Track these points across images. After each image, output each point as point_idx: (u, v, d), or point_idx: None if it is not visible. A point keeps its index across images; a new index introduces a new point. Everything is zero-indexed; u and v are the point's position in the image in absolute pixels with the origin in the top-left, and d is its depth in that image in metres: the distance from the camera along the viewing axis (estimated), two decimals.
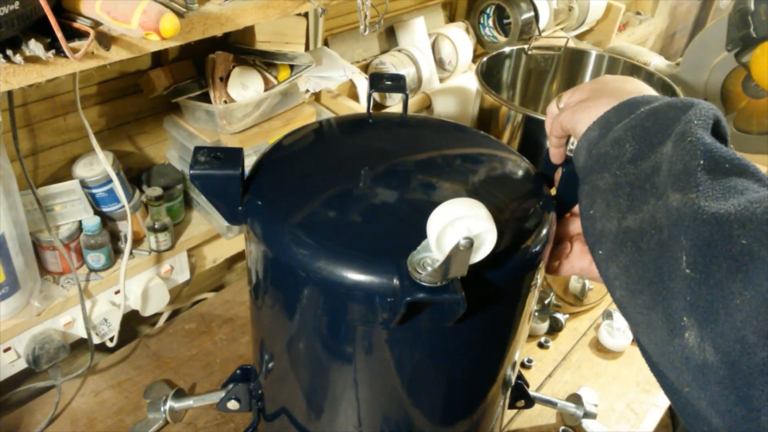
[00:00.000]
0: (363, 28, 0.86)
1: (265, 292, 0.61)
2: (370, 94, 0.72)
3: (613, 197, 0.46)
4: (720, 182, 0.40)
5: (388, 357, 0.56)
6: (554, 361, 1.04)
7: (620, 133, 0.48)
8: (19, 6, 0.52)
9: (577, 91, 0.57)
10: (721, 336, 0.36)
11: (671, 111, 0.46)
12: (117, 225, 0.93)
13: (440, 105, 1.32)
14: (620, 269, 0.44)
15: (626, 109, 0.50)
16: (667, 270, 0.40)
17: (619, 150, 0.47)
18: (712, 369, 0.36)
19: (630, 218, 0.44)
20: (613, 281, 0.45)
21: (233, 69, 0.93)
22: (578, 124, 0.54)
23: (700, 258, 0.38)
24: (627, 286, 0.43)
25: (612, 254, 0.45)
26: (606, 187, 0.48)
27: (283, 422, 0.69)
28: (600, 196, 0.48)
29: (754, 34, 1.26)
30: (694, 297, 0.38)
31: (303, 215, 0.56)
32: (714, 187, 0.40)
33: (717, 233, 0.37)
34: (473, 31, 1.48)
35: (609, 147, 0.48)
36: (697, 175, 0.41)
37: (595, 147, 0.50)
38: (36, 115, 0.85)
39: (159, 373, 0.97)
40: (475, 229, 0.47)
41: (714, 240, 0.37)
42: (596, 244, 0.48)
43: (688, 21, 2.61)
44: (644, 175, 0.45)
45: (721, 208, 0.38)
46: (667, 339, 0.40)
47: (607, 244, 0.46)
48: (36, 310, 0.83)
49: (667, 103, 0.48)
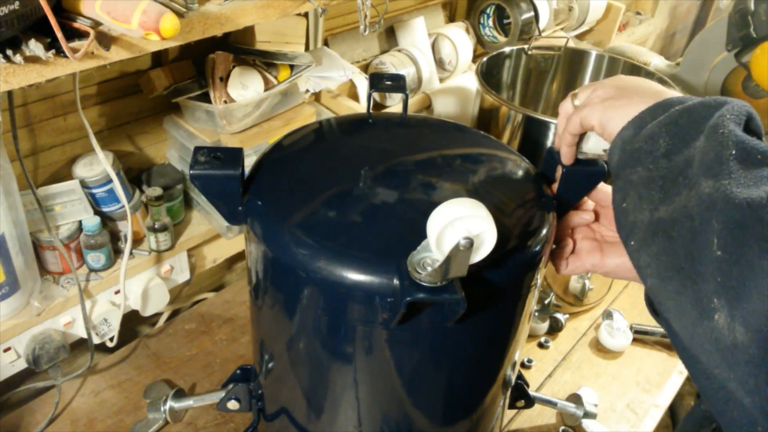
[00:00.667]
0: (363, 28, 0.86)
1: (265, 292, 0.61)
2: (370, 94, 0.72)
3: (646, 190, 0.47)
4: (752, 171, 0.41)
5: (388, 357, 0.56)
6: (554, 361, 1.04)
7: (654, 129, 0.49)
8: (19, 6, 0.52)
9: (599, 88, 0.57)
10: (752, 314, 0.36)
11: (704, 109, 0.47)
12: (117, 225, 0.93)
13: (440, 105, 1.32)
14: (651, 257, 0.45)
15: (660, 108, 0.50)
16: (698, 254, 0.40)
17: (653, 145, 0.48)
18: (742, 348, 0.37)
19: (662, 209, 0.45)
20: (645, 269, 0.46)
21: (233, 69, 0.93)
22: (610, 122, 0.54)
23: (731, 240, 0.38)
24: (658, 274, 0.44)
25: (644, 244, 0.46)
26: (639, 180, 0.48)
27: (283, 422, 0.69)
28: (633, 189, 0.48)
29: (754, 34, 1.26)
30: (724, 278, 0.38)
31: (303, 215, 0.56)
32: (746, 176, 0.40)
33: (749, 216, 0.38)
34: (473, 31, 1.48)
35: (643, 143, 0.49)
36: (729, 164, 0.41)
37: (629, 144, 0.51)
38: (36, 115, 0.85)
39: (159, 373, 0.97)
40: (475, 229, 0.47)
41: (746, 222, 0.38)
42: (629, 236, 0.48)
43: (688, 21, 2.61)
44: (677, 168, 0.46)
45: (753, 193, 0.39)
46: (697, 322, 0.40)
47: (639, 234, 0.46)
48: (36, 310, 0.83)
49: (701, 102, 0.48)
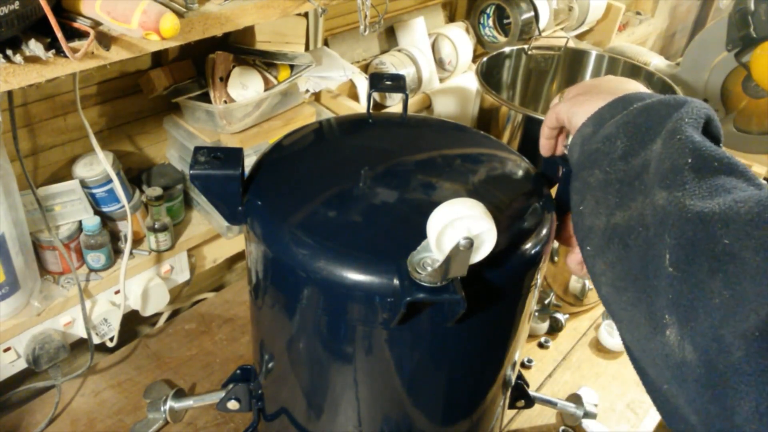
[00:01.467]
0: (363, 28, 0.86)
1: (265, 292, 0.61)
2: (370, 94, 0.72)
3: (603, 194, 0.46)
4: (707, 181, 0.40)
5: (388, 357, 0.56)
6: (554, 361, 1.04)
7: (612, 130, 0.48)
8: (19, 6, 0.52)
9: (577, 86, 0.58)
10: (700, 334, 0.36)
11: (663, 108, 0.46)
12: (117, 225, 0.93)
13: (440, 105, 1.32)
14: (607, 265, 0.44)
15: (620, 105, 0.50)
16: (652, 268, 0.40)
17: (610, 146, 0.47)
18: (690, 367, 0.37)
19: (618, 215, 0.44)
20: (600, 277, 0.45)
21: (233, 69, 0.93)
22: (574, 117, 0.54)
23: (683, 257, 0.38)
24: (612, 283, 0.44)
25: (599, 250, 0.45)
26: (596, 183, 0.47)
27: (283, 422, 0.69)
28: (590, 193, 0.48)
29: (754, 34, 1.26)
30: (675, 295, 0.38)
31: (303, 215, 0.56)
32: (700, 186, 0.40)
33: (700, 232, 0.38)
34: (473, 31, 1.48)
35: (600, 143, 0.48)
36: (684, 174, 0.41)
37: (588, 143, 0.50)
38: (36, 115, 0.85)
39: (159, 373, 0.97)
40: (475, 229, 0.47)
41: (697, 239, 0.38)
42: (584, 240, 0.48)
43: (688, 21, 2.61)
44: (634, 172, 0.45)
45: (706, 206, 0.38)
46: (649, 336, 0.40)
47: (595, 240, 0.46)
48: (36, 310, 0.83)
49: (660, 101, 0.47)
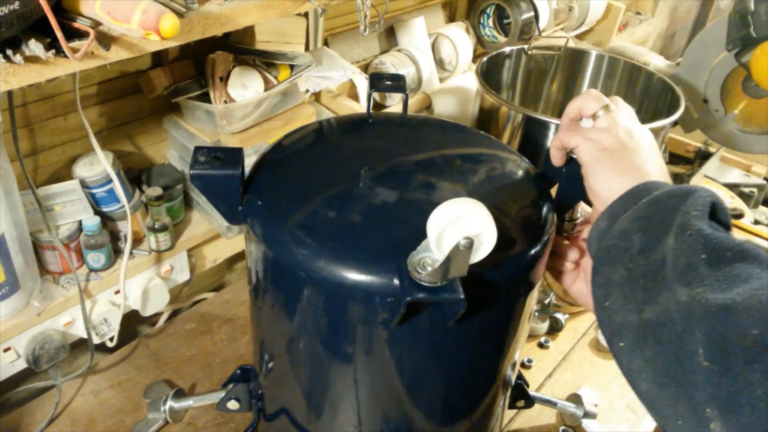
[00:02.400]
0: (363, 28, 0.86)
1: (265, 292, 0.61)
2: (370, 94, 0.72)
3: (630, 290, 0.47)
4: (723, 272, 0.41)
5: (388, 357, 0.56)
6: (554, 361, 1.04)
7: (626, 225, 0.50)
8: (19, 6, 0.52)
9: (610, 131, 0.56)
10: (746, 427, 0.37)
11: (671, 200, 0.48)
12: (117, 225, 0.93)
13: (440, 105, 1.32)
14: (645, 362, 0.45)
15: (631, 199, 0.51)
16: (688, 362, 0.41)
17: (627, 243, 0.49)
18: None
19: (648, 310, 0.45)
20: (639, 374, 0.45)
21: (233, 69, 0.93)
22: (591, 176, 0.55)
23: (716, 351, 0.39)
24: (654, 379, 0.44)
25: (635, 346, 0.46)
26: (621, 280, 0.48)
27: (283, 422, 0.69)
28: (616, 290, 0.49)
29: (754, 34, 1.26)
30: (714, 389, 0.39)
31: (303, 215, 0.56)
32: (718, 278, 0.41)
33: (728, 325, 0.39)
34: (473, 31, 1.48)
35: (617, 239, 0.50)
36: (701, 270, 0.42)
37: (604, 239, 0.51)
38: (36, 115, 0.85)
39: (159, 373, 0.97)
40: (475, 229, 0.47)
41: (726, 332, 0.39)
42: (615, 336, 0.48)
43: (688, 21, 2.61)
44: (655, 267, 0.46)
45: (727, 298, 0.39)
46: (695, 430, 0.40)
47: (630, 336, 0.46)
48: (36, 310, 0.83)
49: (667, 192, 0.49)
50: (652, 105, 1.21)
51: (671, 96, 1.14)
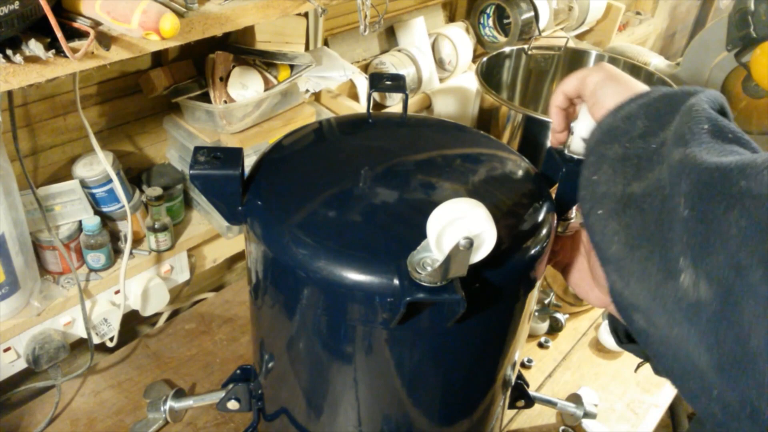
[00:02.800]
0: (363, 28, 0.86)
1: (265, 292, 0.61)
2: (370, 94, 0.72)
3: (621, 165, 0.47)
4: (722, 145, 0.41)
5: (387, 357, 0.56)
6: (554, 361, 1.04)
7: (633, 109, 0.49)
8: (19, 6, 0.52)
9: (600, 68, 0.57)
10: (716, 267, 0.37)
11: (683, 94, 0.48)
12: (117, 225, 0.93)
13: (440, 105, 1.32)
14: (621, 226, 0.45)
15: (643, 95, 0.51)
16: (668, 220, 0.41)
17: (630, 125, 0.48)
18: (705, 304, 0.37)
19: (635, 185, 0.45)
20: (611, 237, 0.45)
21: (233, 69, 0.93)
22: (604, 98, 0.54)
23: (698, 198, 0.39)
24: (626, 241, 0.44)
25: (614, 213, 0.46)
26: (614, 156, 0.48)
27: (283, 422, 0.69)
28: (607, 163, 0.48)
29: (754, 34, 1.26)
30: (690, 236, 0.38)
31: (303, 215, 0.56)
32: (716, 147, 0.41)
33: (717, 176, 0.38)
34: (473, 31, 1.48)
35: (621, 122, 0.49)
36: (702, 135, 0.42)
37: (607, 122, 0.51)
38: (36, 115, 0.85)
39: (159, 373, 0.97)
40: (475, 229, 0.47)
41: (713, 182, 0.38)
42: (596, 206, 0.48)
43: (688, 21, 2.61)
44: (652, 149, 0.46)
45: (722, 160, 0.39)
46: (662, 282, 0.40)
47: (610, 204, 0.46)
48: (36, 310, 0.83)
49: (681, 89, 0.49)
50: None
51: None
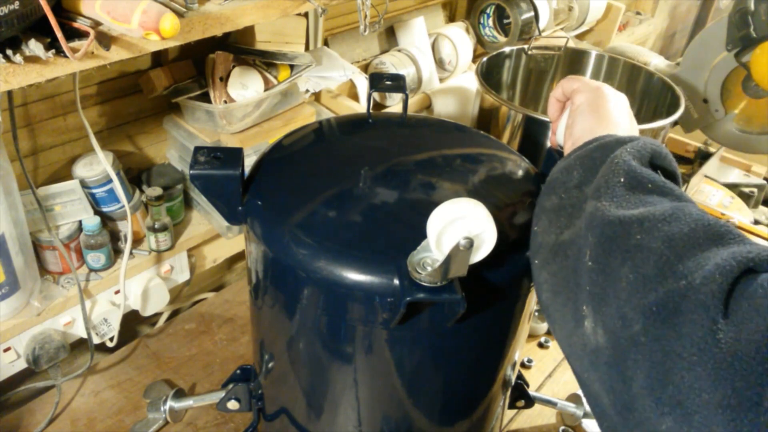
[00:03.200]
0: (363, 28, 0.86)
1: (265, 292, 0.61)
2: (370, 94, 0.72)
3: (555, 216, 0.50)
4: (637, 197, 0.44)
5: (388, 357, 0.56)
6: (554, 361, 1.04)
7: (571, 161, 0.52)
8: (19, 6, 0.52)
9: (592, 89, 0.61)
10: (608, 316, 0.39)
11: (616, 144, 0.50)
12: (117, 225, 0.93)
13: (440, 105, 1.32)
14: (549, 274, 0.48)
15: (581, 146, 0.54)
16: (579, 269, 0.43)
17: (567, 176, 0.51)
18: (601, 350, 0.40)
19: (566, 233, 0.48)
20: (542, 285, 0.49)
21: (233, 69, 0.93)
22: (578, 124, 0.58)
23: (601, 252, 0.42)
24: (552, 288, 0.47)
25: (545, 263, 0.49)
26: (551, 207, 0.51)
27: (283, 422, 0.69)
28: (545, 214, 0.52)
29: (754, 34, 1.26)
30: (592, 286, 0.41)
31: (303, 215, 0.56)
32: (628, 199, 0.43)
33: (619, 231, 0.41)
34: (473, 31, 1.48)
35: (559, 173, 0.53)
36: (615, 189, 0.45)
37: (550, 176, 0.54)
38: (36, 115, 0.85)
39: (159, 373, 0.97)
40: (475, 229, 0.47)
41: (616, 236, 0.41)
42: (534, 255, 0.51)
43: (688, 21, 2.61)
44: (583, 197, 0.49)
45: (627, 213, 0.42)
46: (573, 330, 0.43)
47: (543, 254, 0.49)
48: (36, 310, 0.83)
49: (616, 138, 0.51)
50: (652, 105, 1.21)
51: (671, 96, 1.14)
